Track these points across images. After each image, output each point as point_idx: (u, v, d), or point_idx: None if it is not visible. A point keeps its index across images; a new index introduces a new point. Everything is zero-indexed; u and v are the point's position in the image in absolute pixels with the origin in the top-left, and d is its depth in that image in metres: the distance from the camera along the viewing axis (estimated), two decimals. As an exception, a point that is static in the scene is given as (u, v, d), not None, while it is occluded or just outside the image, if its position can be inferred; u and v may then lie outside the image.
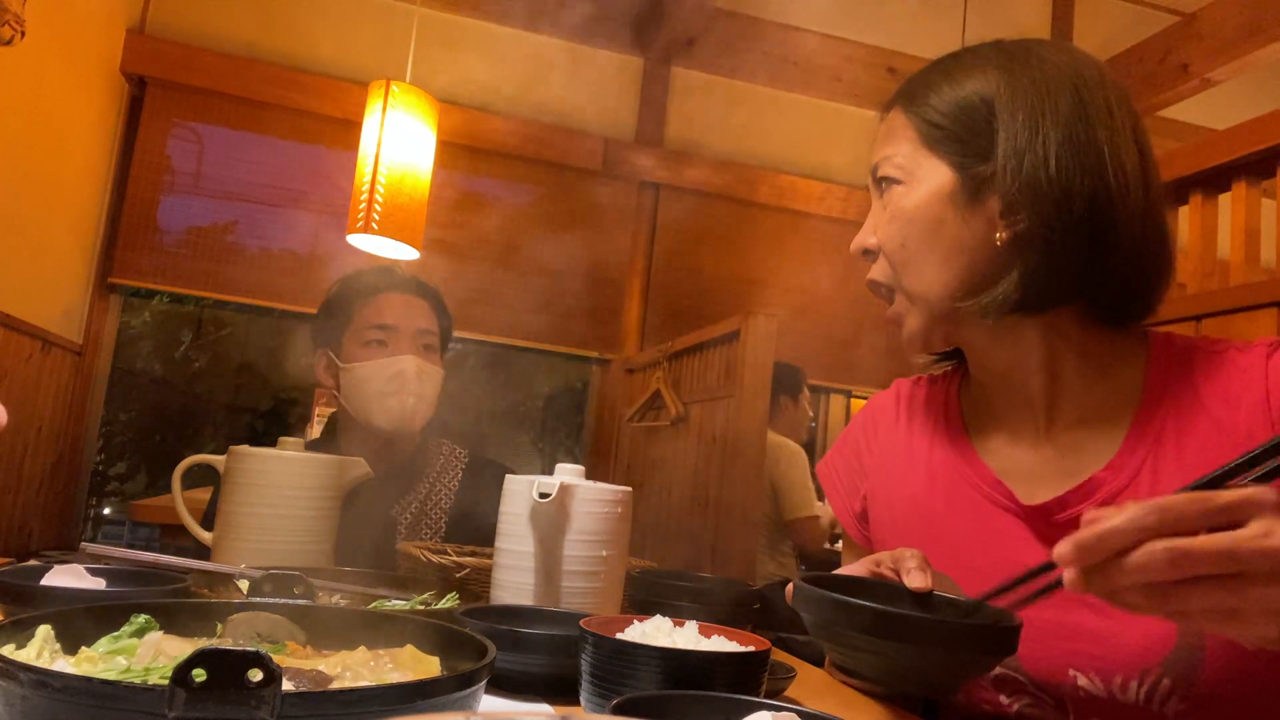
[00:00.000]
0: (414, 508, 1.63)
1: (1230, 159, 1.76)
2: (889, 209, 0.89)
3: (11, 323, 2.57)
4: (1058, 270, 0.81)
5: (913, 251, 0.87)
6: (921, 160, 0.87)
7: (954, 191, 0.84)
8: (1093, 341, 0.86)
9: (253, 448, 1.27)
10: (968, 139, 0.84)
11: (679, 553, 2.99)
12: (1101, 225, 0.80)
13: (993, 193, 0.83)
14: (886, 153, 0.90)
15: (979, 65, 0.87)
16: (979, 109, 0.84)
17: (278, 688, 0.46)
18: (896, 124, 0.90)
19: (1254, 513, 0.55)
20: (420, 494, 1.65)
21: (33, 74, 2.51)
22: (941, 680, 0.76)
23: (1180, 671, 0.76)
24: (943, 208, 0.85)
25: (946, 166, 0.85)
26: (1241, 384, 0.80)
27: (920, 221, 0.86)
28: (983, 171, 0.83)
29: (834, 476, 1.07)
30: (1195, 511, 0.55)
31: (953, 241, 0.85)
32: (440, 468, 1.70)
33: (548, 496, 0.97)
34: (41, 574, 0.88)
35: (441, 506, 1.66)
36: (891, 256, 0.89)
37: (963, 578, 0.87)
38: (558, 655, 0.80)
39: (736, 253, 4.03)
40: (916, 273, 0.87)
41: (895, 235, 0.88)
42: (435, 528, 1.63)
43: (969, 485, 0.90)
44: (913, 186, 0.87)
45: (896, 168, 0.88)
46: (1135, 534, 0.55)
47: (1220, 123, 2.14)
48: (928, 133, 0.87)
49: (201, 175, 3.34)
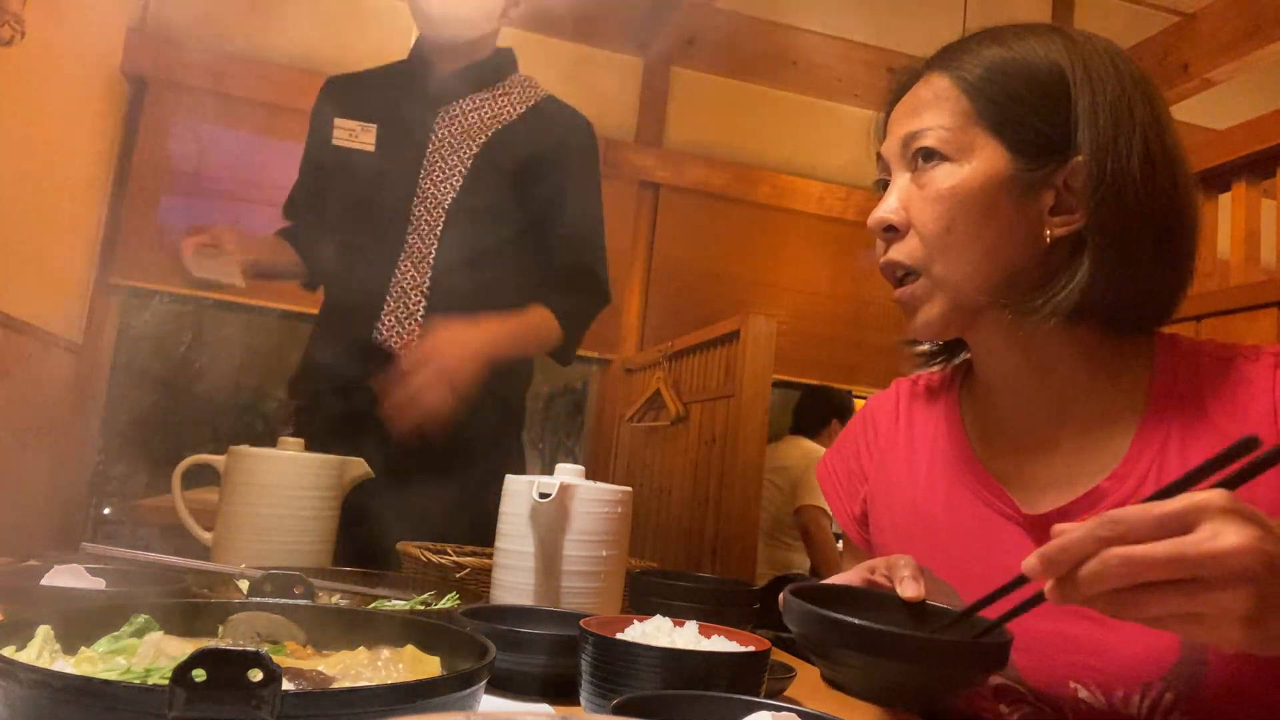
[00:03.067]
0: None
1: (1230, 159, 1.76)
2: (929, 187, 0.81)
3: (11, 323, 2.57)
4: (1126, 277, 0.78)
5: (958, 236, 0.80)
6: (973, 135, 0.80)
7: (1009, 178, 0.79)
8: (1103, 346, 0.83)
9: (253, 448, 1.27)
10: (1031, 121, 0.78)
11: (679, 553, 2.99)
12: (1169, 235, 0.78)
13: (1049, 187, 0.79)
14: (927, 122, 0.82)
15: (1041, 40, 0.81)
16: (1048, 89, 0.78)
17: (278, 688, 0.46)
18: (939, 89, 0.82)
19: (1203, 518, 0.56)
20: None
21: (33, 74, 2.51)
22: (931, 696, 0.75)
23: (1183, 685, 0.75)
24: (996, 194, 0.79)
25: (1001, 147, 0.79)
26: (1248, 395, 0.79)
27: (970, 205, 0.79)
28: (1044, 163, 0.78)
29: (833, 478, 1.06)
30: (1147, 520, 0.56)
31: (1001, 232, 0.80)
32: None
33: (548, 496, 0.97)
34: (41, 574, 0.88)
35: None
36: (930, 239, 0.81)
37: (962, 585, 0.86)
38: (558, 655, 0.80)
39: (736, 253, 4.03)
40: (956, 259, 0.81)
41: (939, 216, 0.80)
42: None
43: (970, 492, 0.88)
44: (960, 164, 0.80)
45: (942, 140, 0.80)
46: (1093, 544, 0.57)
47: (1220, 123, 2.14)
48: (981, 104, 0.80)
49: (201, 175, 3.34)
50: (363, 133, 1.65)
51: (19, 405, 2.68)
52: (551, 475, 1.02)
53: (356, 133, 1.65)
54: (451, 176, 1.62)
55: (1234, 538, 0.54)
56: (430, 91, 1.66)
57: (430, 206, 1.61)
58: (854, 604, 0.73)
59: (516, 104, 1.70)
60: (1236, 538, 0.54)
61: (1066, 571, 0.58)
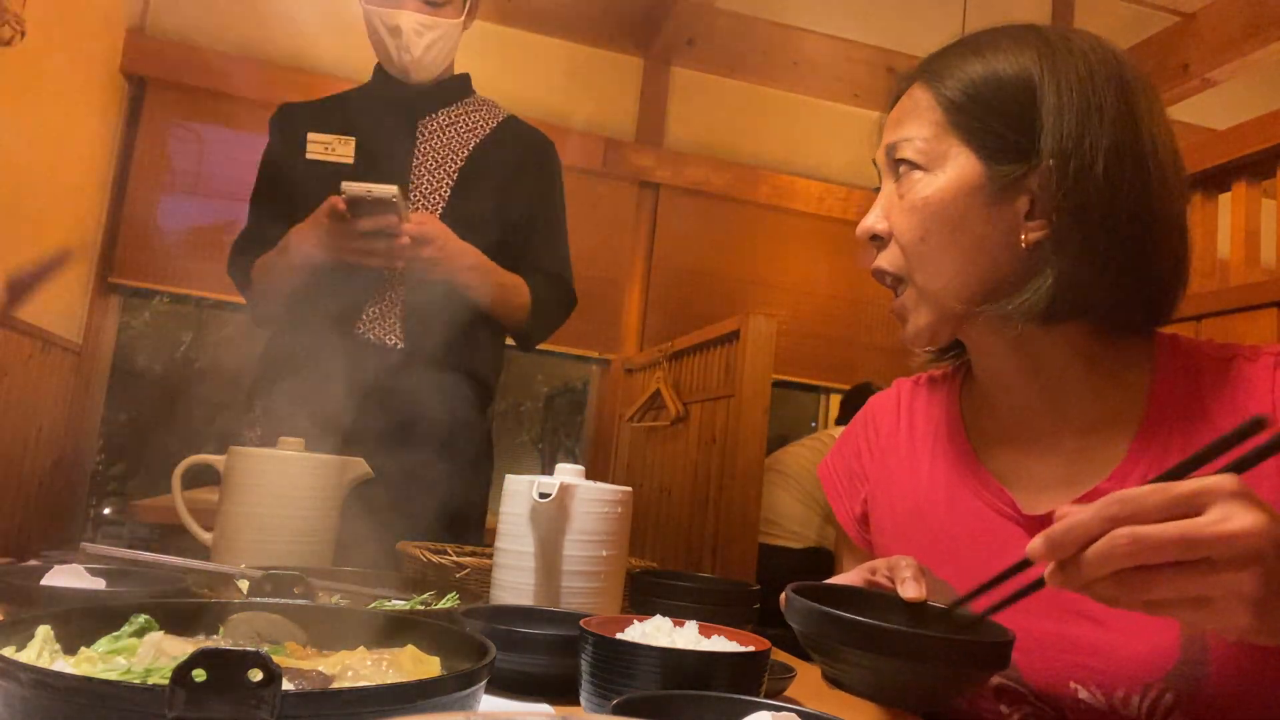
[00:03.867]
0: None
1: (1230, 159, 1.76)
2: (907, 196, 0.83)
3: (11, 323, 2.57)
4: (1094, 280, 0.78)
5: (932, 246, 0.81)
6: (947, 145, 0.81)
7: (980, 185, 0.80)
8: (1101, 347, 0.83)
9: (253, 448, 1.27)
10: (999, 130, 0.79)
11: (679, 553, 2.99)
12: (1142, 235, 0.77)
13: (1022, 192, 0.79)
14: (906, 133, 0.83)
15: (1015, 47, 0.81)
16: (1016, 97, 0.79)
17: (278, 688, 0.46)
18: (919, 101, 0.84)
19: (1213, 500, 0.56)
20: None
21: (33, 74, 2.51)
22: (932, 696, 0.75)
23: (1183, 686, 0.75)
24: (968, 202, 0.80)
25: (973, 156, 0.80)
26: (1248, 395, 0.79)
27: (943, 215, 0.80)
28: (1013, 169, 0.78)
29: (834, 478, 1.06)
30: (1156, 501, 0.56)
31: (976, 240, 0.80)
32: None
33: (548, 496, 0.97)
34: (41, 574, 0.88)
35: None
36: (907, 249, 0.83)
37: (963, 585, 0.86)
38: (558, 655, 0.80)
39: (736, 253, 4.03)
40: (934, 269, 0.82)
41: (914, 226, 0.82)
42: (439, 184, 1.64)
43: (971, 492, 0.89)
44: (935, 174, 0.81)
45: (918, 151, 0.82)
46: (1100, 525, 0.56)
47: (1220, 123, 2.14)
48: (955, 116, 0.81)
49: (201, 175, 3.34)
50: (340, 145, 1.64)
51: (19, 405, 2.68)
52: (551, 475, 1.02)
53: (333, 146, 1.64)
54: (440, 188, 1.64)
55: (1245, 520, 0.55)
56: (406, 106, 1.68)
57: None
58: (856, 604, 0.73)
59: (486, 120, 1.74)
60: (1247, 520, 0.55)
61: (1072, 554, 0.57)
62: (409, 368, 1.55)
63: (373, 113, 1.67)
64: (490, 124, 1.73)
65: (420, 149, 1.65)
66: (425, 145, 1.66)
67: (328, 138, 1.64)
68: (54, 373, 2.93)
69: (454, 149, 1.67)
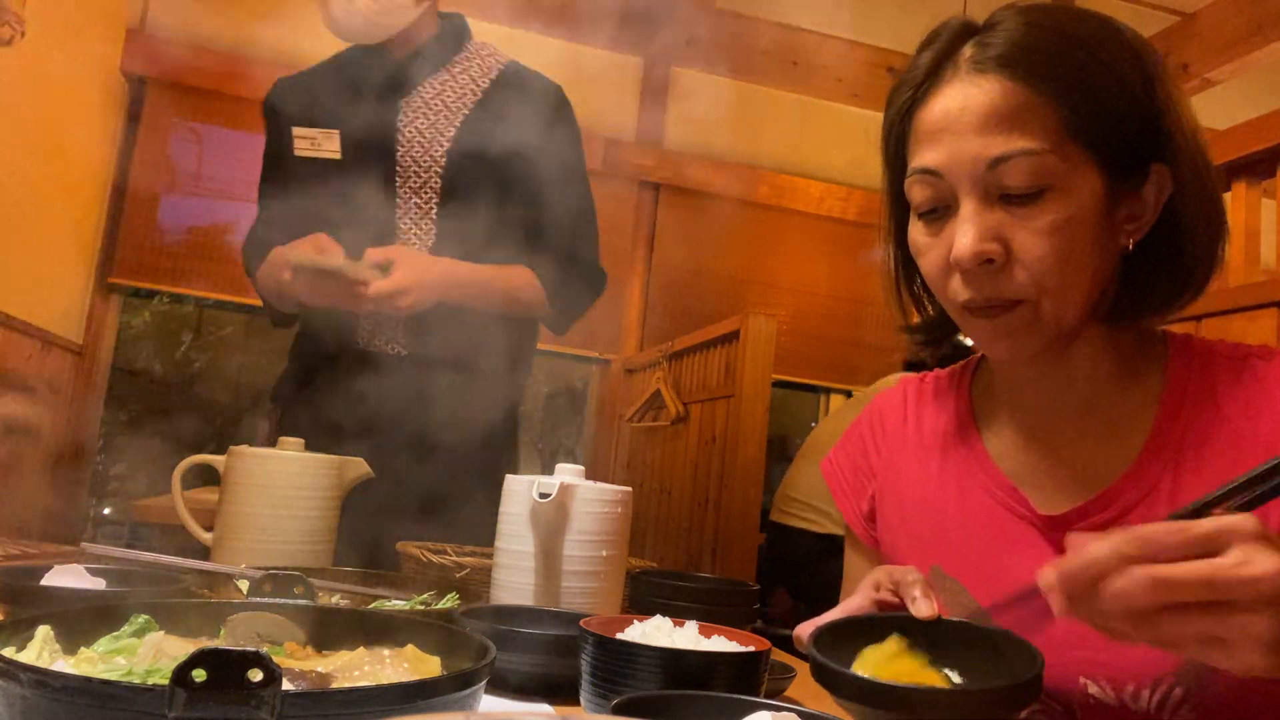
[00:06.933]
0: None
1: (1230, 159, 1.76)
2: (1037, 219, 0.74)
3: (11, 323, 2.57)
4: (1186, 277, 0.78)
5: (1076, 267, 0.75)
6: (1072, 155, 0.74)
7: (1105, 195, 0.75)
8: (1122, 344, 0.84)
9: (253, 448, 1.27)
10: (1123, 131, 0.75)
11: (679, 553, 3.00)
12: (1218, 228, 0.79)
13: (1132, 196, 0.77)
14: (1021, 145, 0.73)
15: (1113, 39, 0.77)
16: (1136, 94, 0.75)
17: (278, 688, 0.46)
18: (1025, 104, 0.74)
19: (1233, 541, 0.55)
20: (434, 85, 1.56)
21: (33, 74, 2.51)
22: None
23: (1193, 680, 0.74)
24: (1097, 215, 0.75)
25: (1096, 165, 0.75)
26: (1263, 393, 0.78)
27: (1084, 234, 0.75)
28: (1136, 179, 0.76)
29: (839, 475, 1.05)
30: (1175, 541, 0.56)
31: (1102, 253, 0.77)
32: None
33: (548, 496, 0.97)
34: (41, 574, 0.88)
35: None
36: (1046, 274, 0.75)
37: (974, 584, 0.86)
38: (558, 655, 0.80)
39: (736, 253, 4.03)
40: (1074, 290, 0.77)
41: (1055, 250, 0.74)
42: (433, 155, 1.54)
43: (983, 490, 0.88)
44: (1069, 192, 0.74)
45: (1045, 168, 0.73)
46: (1117, 562, 0.56)
47: (1220, 123, 2.14)
48: (1076, 121, 0.74)
49: (201, 175, 3.34)
50: (325, 140, 1.55)
51: (19, 405, 2.68)
52: (551, 475, 1.02)
53: (318, 141, 1.55)
54: (429, 181, 1.54)
55: (1267, 564, 0.54)
56: (387, 84, 1.55)
57: (417, 218, 1.54)
58: (872, 634, 0.71)
59: (479, 78, 1.58)
60: (1269, 564, 0.54)
61: (1084, 590, 0.57)
62: (418, 374, 1.50)
63: (354, 94, 1.55)
64: (484, 81, 1.58)
65: (404, 134, 1.53)
66: (410, 130, 1.53)
67: (312, 132, 1.55)
68: (54, 373, 2.93)
69: (440, 128, 1.53)
